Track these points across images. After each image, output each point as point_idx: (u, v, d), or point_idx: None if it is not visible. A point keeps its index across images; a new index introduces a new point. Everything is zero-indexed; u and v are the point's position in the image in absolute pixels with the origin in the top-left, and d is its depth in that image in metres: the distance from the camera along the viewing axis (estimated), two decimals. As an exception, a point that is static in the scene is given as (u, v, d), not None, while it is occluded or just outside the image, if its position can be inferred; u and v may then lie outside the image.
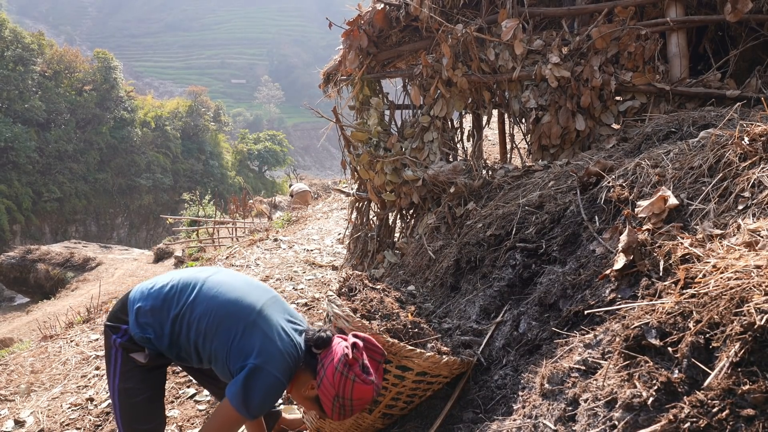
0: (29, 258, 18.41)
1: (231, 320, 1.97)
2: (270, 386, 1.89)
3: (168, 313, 2.02)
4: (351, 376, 1.87)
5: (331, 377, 1.89)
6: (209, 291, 2.04)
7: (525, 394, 1.94)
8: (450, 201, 3.83)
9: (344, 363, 1.88)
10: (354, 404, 1.91)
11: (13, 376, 4.58)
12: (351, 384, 1.88)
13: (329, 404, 1.92)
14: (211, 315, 1.99)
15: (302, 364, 2.01)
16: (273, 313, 2.04)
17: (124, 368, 2.07)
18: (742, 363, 1.20)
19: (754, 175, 1.91)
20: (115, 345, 2.07)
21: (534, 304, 2.35)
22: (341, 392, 1.88)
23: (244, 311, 1.99)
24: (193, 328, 1.99)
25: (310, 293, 5.07)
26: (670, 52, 3.73)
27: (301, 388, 2.02)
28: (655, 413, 1.27)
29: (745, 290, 1.31)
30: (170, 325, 2.02)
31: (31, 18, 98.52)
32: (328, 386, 1.90)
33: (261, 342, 1.92)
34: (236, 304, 2.00)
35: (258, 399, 1.89)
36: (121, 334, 2.06)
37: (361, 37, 4.68)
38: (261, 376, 1.88)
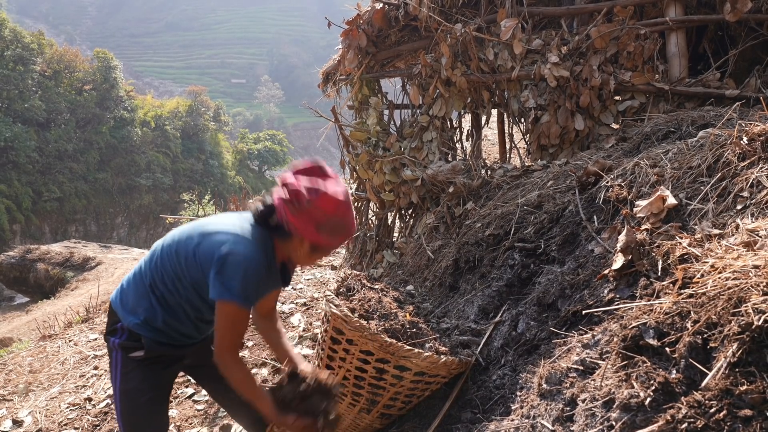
0: (29, 258, 18.38)
1: (186, 243, 1.96)
2: (243, 264, 1.83)
3: (144, 285, 2.02)
4: (305, 203, 1.82)
5: (297, 220, 1.84)
6: (160, 245, 2.05)
7: (523, 394, 1.94)
8: (449, 201, 3.83)
9: (290, 203, 1.84)
10: (335, 217, 1.86)
11: (12, 375, 4.58)
12: (312, 208, 1.82)
13: (322, 238, 1.87)
14: (172, 257, 1.97)
15: (274, 238, 1.98)
16: (218, 218, 2.04)
17: (125, 369, 2.05)
18: (739, 363, 1.20)
19: (753, 175, 1.91)
20: (115, 347, 2.05)
21: (532, 304, 2.35)
22: (315, 221, 1.84)
23: (194, 230, 1.99)
24: (168, 281, 1.98)
25: (309, 293, 5.06)
26: (670, 52, 3.72)
27: (295, 252, 1.97)
28: (652, 414, 1.26)
29: (743, 290, 1.31)
30: (152, 295, 2.00)
31: (31, 17, 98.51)
32: (305, 228, 1.85)
33: (217, 238, 1.89)
34: (185, 232, 2.01)
35: (237, 280, 1.82)
36: (118, 335, 2.05)
37: (360, 37, 4.67)
38: (229, 261, 1.83)
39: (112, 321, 2.08)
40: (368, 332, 2.09)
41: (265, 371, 3.55)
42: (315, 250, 1.94)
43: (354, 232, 1.99)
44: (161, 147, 40.52)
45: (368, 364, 2.16)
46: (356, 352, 2.16)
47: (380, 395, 2.23)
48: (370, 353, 2.14)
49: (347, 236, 1.96)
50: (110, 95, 37.01)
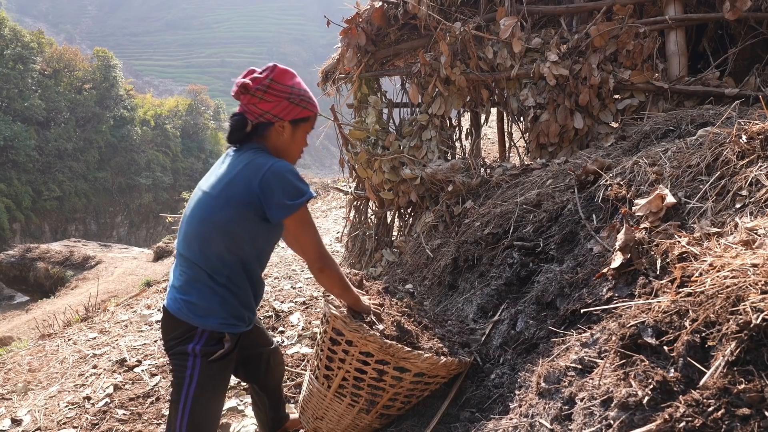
0: (29, 256, 18.39)
1: (211, 208, 1.92)
2: (281, 171, 1.86)
3: (206, 283, 1.94)
4: (267, 82, 1.90)
5: (269, 105, 1.92)
6: (182, 240, 2.01)
7: (522, 393, 1.93)
8: (448, 199, 3.83)
9: (254, 91, 1.90)
10: (296, 85, 1.96)
11: (11, 374, 4.58)
12: (274, 84, 1.90)
13: (297, 108, 1.95)
14: (205, 233, 1.93)
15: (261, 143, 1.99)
16: (211, 176, 2.01)
17: (203, 374, 1.96)
18: (737, 362, 1.19)
19: (752, 174, 1.91)
20: (195, 353, 1.95)
21: (531, 303, 2.35)
22: (284, 95, 1.91)
23: (206, 197, 1.96)
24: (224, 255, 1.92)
25: (308, 292, 5.06)
26: (669, 51, 3.72)
27: (282, 139, 1.99)
28: (650, 412, 1.26)
29: (741, 289, 1.30)
30: (219, 286, 1.94)
31: (31, 16, 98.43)
32: (279, 107, 1.92)
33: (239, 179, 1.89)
34: (198, 206, 1.97)
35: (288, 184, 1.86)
36: (196, 341, 1.95)
37: (359, 36, 4.67)
38: (267, 176, 1.85)
39: (183, 330, 1.97)
40: (367, 333, 2.08)
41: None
42: (296, 127, 1.99)
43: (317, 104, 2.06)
44: (161, 146, 40.52)
45: (368, 365, 2.15)
46: (356, 353, 2.15)
47: (380, 396, 2.22)
48: (369, 354, 2.13)
49: (315, 104, 2.02)
50: (110, 94, 37.00)
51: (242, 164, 1.91)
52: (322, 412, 2.41)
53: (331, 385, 2.30)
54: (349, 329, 2.11)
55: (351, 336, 2.13)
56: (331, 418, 2.40)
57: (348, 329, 2.12)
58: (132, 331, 5.06)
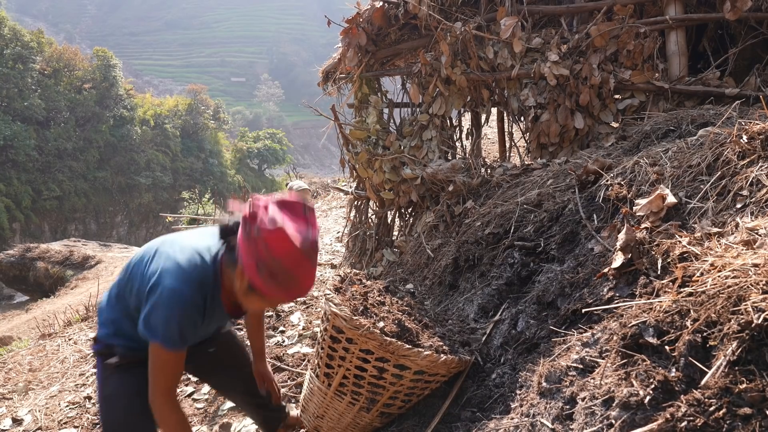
0: (29, 256, 18.38)
1: (139, 264, 1.83)
2: (168, 299, 1.62)
3: (113, 298, 1.95)
4: (254, 230, 1.50)
5: (243, 247, 1.55)
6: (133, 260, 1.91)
7: (523, 392, 1.94)
8: (449, 199, 3.83)
9: (244, 223, 1.55)
10: (281, 263, 1.51)
11: (11, 374, 4.58)
12: (262, 242, 1.49)
13: (259, 280, 1.54)
14: (134, 273, 1.84)
15: (223, 263, 1.75)
16: (180, 237, 1.85)
17: (103, 374, 2.01)
18: (739, 362, 1.20)
19: (753, 174, 1.91)
20: (95, 353, 2.05)
21: (532, 303, 2.35)
22: (257, 256, 1.51)
23: (151, 249, 1.84)
24: (131, 295, 1.85)
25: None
26: (669, 51, 3.72)
27: (238, 284, 1.67)
28: (652, 412, 1.27)
29: (742, 289, 1.31)
30: (118, 308, 1.92)
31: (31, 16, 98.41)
32: (246, 259, 1.54)
33: (156, 264, 1.71)
34: (149, 250, 1.85)
35: (161, 317, 1.63)
36: (95, 343, 2.04)
37: (359, 35, 4.67)
38: (155, 292, 1.64)
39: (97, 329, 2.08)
40: (368, 331, 2.09)
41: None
42: (251, 290, 1.62)
43: (304, 293, 1.64)
44: (161, 146, 40.50)
45: (368, 362, 2.16)
46: (356, 351, 2.16)
47: (380, 394, 2.23)
48: (369, 352, 2.14)
49: (290, 295, 1.62)
50: (110, 94, 36.99)
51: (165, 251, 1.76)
52: (323, 410, 2.41)
53: (332, 383, 2.30)
54: (350, 327, 2.12)
55: (351, 333, 2.13)
56: (331, 416, 2.40)
57: (348, 327, 2.12)
58: (132, 331, 5.06)
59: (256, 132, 53.02)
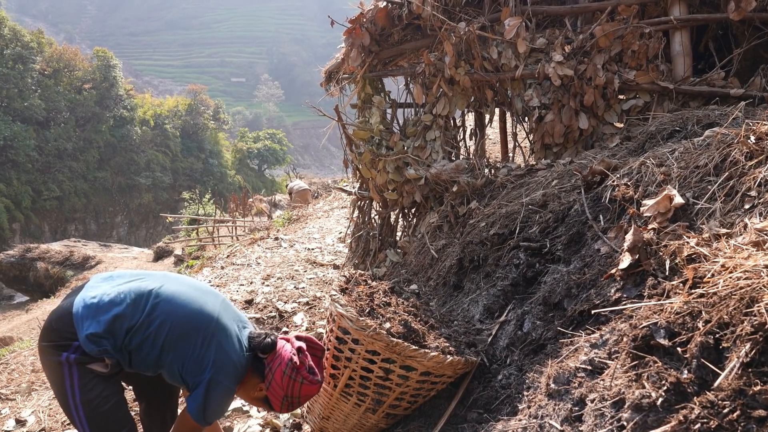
0: (29, 256, 18.39)
1: (190, 334, 2.03)
2: (223, 395, 2.04)
3: (122, 325, 1.98)
4: (299, 379, 2.05)
5: (280, 381, 2.06)
6: (166, 304, 2.04)
7: (530, 394, 1.93)
8: (452, 200, 3.82)
9: (292, 368, 2.04)
10: (301, 400, 2.11)
11: (14, 375, 4.57)
12: (299, 386, 2.05)
13: (278, 403, 2.10)
14: (169, 329, 2.01)
15: (250, 367, 2.13)
16: (227, 321, 2.12)
17: (83, 380, 1.99)
18: (752, 363, 1.19)
19: (761, 174, 1.90)
20: (69, 362, 1.98)
21: (538, 304, 2.35)
22: (290, 393, 2.06)
23: (201, 323, 2.05)
24: (149, 341, 1.99)
25: (312, 292, 5.06)
26: (674, 51, 3.72)
27: (249, 390, 2.15)
28: (664, 414, 1.26)
29: (755, 290, 1.30)
30: (125, 337, 1.98)
31: (31, 16, 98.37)
32: (277, 388, 2.07)
33: (216, 354, 2.03)
34: (194, 317, 2.05)
35: (213, 408, 2.03)
36: (72, 350, 1.97)
37: (363, 35, 4.66)
38: (216, 388, 2.01)
39: (65, 336, 1.99)
40: (374, 332, 2.08)
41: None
42: (263, 402, 2.17)
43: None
44: (161, 146, 40.50)
45: (374, 363, 2.16)
46: (362, 352, 2.16)
47: (386, 395, 2.22)
48: (376, 353, 2.13)
49: (289, 410, 2.17)
50: (110, 94, 36.99)
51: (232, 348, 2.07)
52: (329, 411, 2.41)
53: (338, 384, 2.30)
54: (356, 327, 2.11)
55: (357, 335, 2.13)
56: (337, 417, 2.40)
57: (355, 327, 2.12)
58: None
59: (256, 132, 53.03)
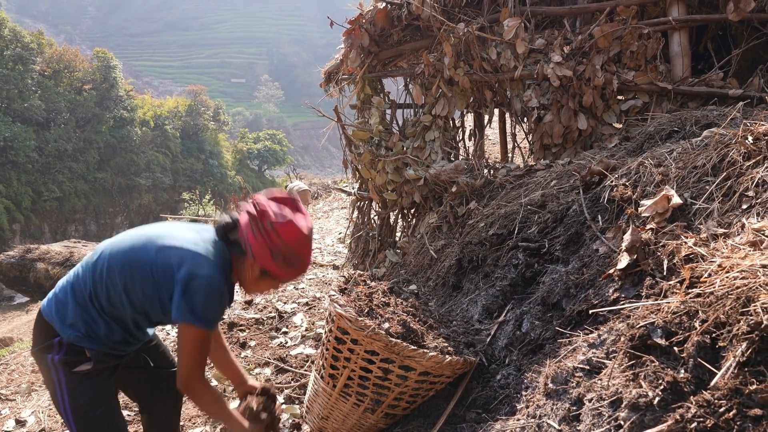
0: (29, 257, 18.35)
1: (139, 256, 1.88)
2: (206, 286, 1.81)
3: (83, 297, 1.90)
4: (268, 225, 1.82)
5: (254, 240, 1.83)
6: (107, 251, 1.93)
7: (528, 393, 1.94)
8: (452, 200, 3.83)
9: (256, 221, 1.83)
10: (293, 247, 1.85)
11: (14, 375, 4.58)
12: (274, 233, 1.82)
13: (274, 265, 1.86)
14: (120, 268, 1.88)
15: (231, 255, 1.95)
16: (174, 229, 1.97)
17: (71, 385, 1.91)
18: (749, 363, 1.20)
19: (758, 174, 1.91)
20: (54, 365, 1.90)
21: (537, 304, 2.35)
22: (271, 245, 1.82)
23: (148, 242, 1.91)
24: (112, 291, 1.88)
25: (311, 292, 5.06)
26: (672, 51, 3.72)
27: (247, 275, 1.95)
28: (661, 413, 1.27)
29: (751, 290, 1.31)
30: (93, 307, 1.89)
31: (31, 17, 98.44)
32: (259, 250, 1.84)
33: (176, 255, 1.84)
34: (137, 240, 1.92)
35: (200, 302, 1.80)
36: (56, 350, 1.90)
37: (362, 36, 4.67)
38: (193, 282, 1.80)
39: (45, 335, 1.93)
40: (373, 332, 2.09)
41: (268, 371, 3.55)
42: (263, 276, 1.93)
43: (305, 271, 1.97)
44: (161, 146, 40.48)
45: (373, 363, 2.16)
46: (361, 352, 2.16)
47: (385, 395, 2.23)
48: (374, 353, 2.14)
49: (299, 272, 1.94)
50: (110, 95, 36.96)
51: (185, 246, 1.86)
52: (328, 411, 2.41)
53: (337, 384, 2.30)
54: (355, 327, 2.12)
55: (356, 335, 2.13)
56: (336, 417, 2.40)
57: (353, 328, 2.12)
58: (134, 332, 5.05)
59: (256, 133, 53.02)
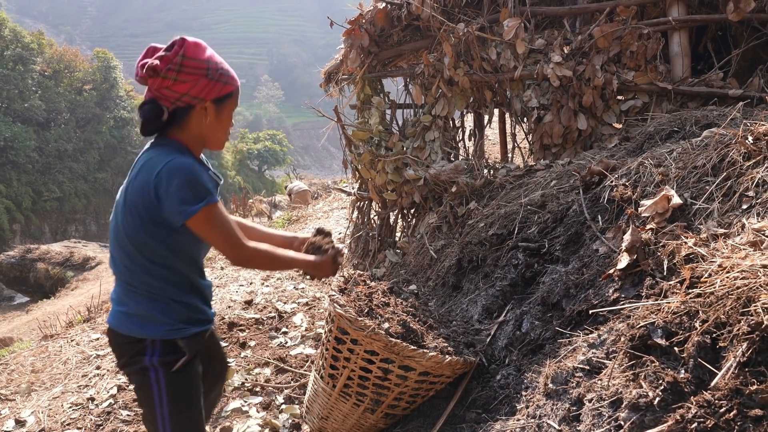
0: (29, 257, 18.36)
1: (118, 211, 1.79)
2: (176, 171, 1.66)
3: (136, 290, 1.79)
4: (178, 60, 1.65)
5: (185, 85, 1.68)
6: (112, 238, 1.83)
7: (528, 393, 1.93)
8: (452, 200, 3.83)
9: (165, 72, 1.65)
10: (213, 59, 1.72)
11: (14, 375, 4.57)
12: (187, 60, 1.66)
13: (218, 84, 1.72)
14: (128, 233, 1.75)
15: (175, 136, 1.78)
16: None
17: (171, 388, 1.78)
18: (749, 363, 1.20)
19: (758, 175, 1.91)
20: (154, 366, 1.77)
21: (537, 304, 2.35)
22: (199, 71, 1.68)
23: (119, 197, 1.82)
24: (147, 266, 1.76)
25: (311, 292, 5.06)
26: (672, 52, 3.72)
27: (204, 123, 1.77)
28: (661, 413, 1.26)
29: (751, 290, 1.30)
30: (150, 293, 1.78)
31: (31, 17, 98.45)
32: (197, 86, 1.69)
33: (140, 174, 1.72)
34: (115, 208, 1.81)
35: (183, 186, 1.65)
36: (150, 351, 1.77)
37: (362, 36, 4.67)
38: (164, 178, 1.66)
39: (131, 345, 1.79)
40: (373, 332, 2.09)
41: (268, 371, 3.55)
42: (218, 109, 1.77)
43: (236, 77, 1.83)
44: (161, 147, 40.45)
45: (373, 363, 2.16)
46: (361, 352, 2.16)
47: (385, 395, 2.22)
48: (374, 353, 2.14)
49: (235, 78, 1.80)
50: (110, 95, 36.97)
51: (140, 166, 1.74)
52: (327, 411, 2.41)
53: (336, 384, 2.30)
54: (355, 327, 2.12)
55: (356, 334, 2.13)
56: (336, 417, 2.40)
57: (353, 328, 2.12)
58: (134, 332, 5.05)
59: (256, 133, 53.00)
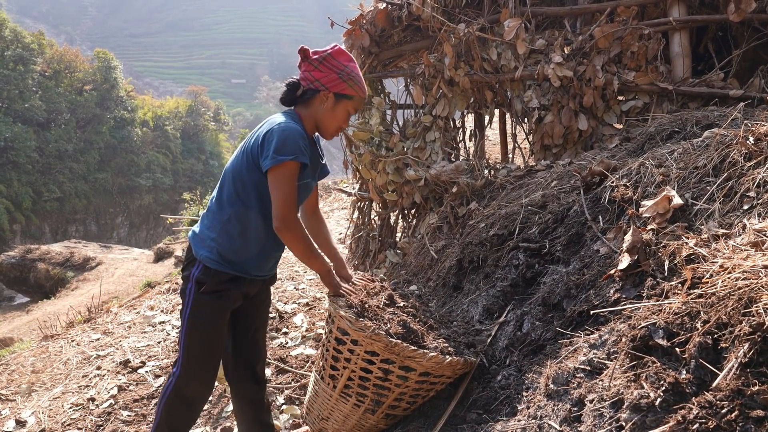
0: (29, 257, 18.36)
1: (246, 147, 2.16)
2: (280, 130, 2.02)
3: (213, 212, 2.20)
4: (326, 55, 2.13)
5: (321, 73, 2.13)
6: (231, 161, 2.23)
7: (529, 394, 1.93)
8: (452, 201, 3.83)
9: (312, 62, 2.13)
10: (351, 66, 2.16)
11: (14, 375, 4.57)
12: (331, 58, 2.13)
13: (345, 85, 2.14)
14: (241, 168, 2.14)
15: (303, 105, 2.20)
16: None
17: (195, 303, 2.14)
18: (751, 364, 1.19)
19: (759, 175, 1.91)
20: (191, 279, 2.15)
21: (537, 304, 2.35)
22: (336, 69, 2.12)
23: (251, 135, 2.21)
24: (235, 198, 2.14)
25: (312, 293, 5.06)
26: (673, 52, 3.72)
27: (322, 109, 2.17)
28: (663, 414, 1.26)
29: (753, 290, 1.30)
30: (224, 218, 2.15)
31: (31, 18, 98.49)
32: (329, 77, 2.13)
33: (266, 127, 2.10)
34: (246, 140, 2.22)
35: (279, 141, 2.00)
36: (195, 267, 2.15)
37: (362, 37, 4.67)
38: (273, 132, 2.03)
39: (189, 255, 2.22)
40: (373, 333, 2.08)
41: (268, 371, 3.55)
42: (338, 103, 2.17)
43: (366, 90, 2.25)
44: (161, 147, 40.50)
45: (373, 364, 2.16)
46: (361, 353, 2.15)
47: (385, 396, 2.22)
48: (375, 353, 2.13)
49: (363, 88, 2.20)
50: (110, 95, 36.99)
51: (265, 122, 2.14)
52: (328, 412, 2.41)
53: (337, 385, 2.30)
54: (355, 328, 2.11)
55: (356, 335, 2.13)
56: (336, 418, 2.40)
57: (353, 328, 2.12)
58: (135, 333, 5.06)
59: (257, 133, 52.95)
